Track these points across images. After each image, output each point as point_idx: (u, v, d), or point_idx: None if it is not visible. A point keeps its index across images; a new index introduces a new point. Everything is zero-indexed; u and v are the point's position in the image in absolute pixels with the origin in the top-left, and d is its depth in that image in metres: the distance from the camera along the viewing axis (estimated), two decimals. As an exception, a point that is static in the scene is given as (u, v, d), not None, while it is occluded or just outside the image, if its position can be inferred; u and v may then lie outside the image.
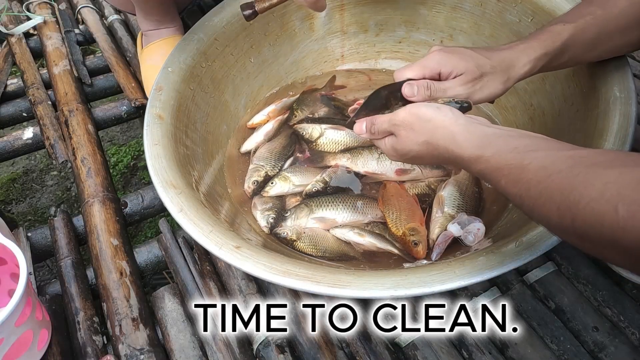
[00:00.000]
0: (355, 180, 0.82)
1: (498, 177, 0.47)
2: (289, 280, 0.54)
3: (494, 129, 0.52)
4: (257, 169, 0.83)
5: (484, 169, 0.49)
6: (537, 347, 0.64)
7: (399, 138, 0.59)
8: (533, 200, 0.42)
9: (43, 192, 1.49)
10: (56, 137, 0.98)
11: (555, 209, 0.39)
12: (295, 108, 0.92)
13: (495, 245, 0.57)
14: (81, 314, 0.71)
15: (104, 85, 1.14)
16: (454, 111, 0.55)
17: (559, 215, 0.39)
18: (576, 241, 0.40)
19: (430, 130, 0.55)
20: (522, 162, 0.45)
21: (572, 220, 0.38)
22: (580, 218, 0.37)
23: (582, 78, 0.73)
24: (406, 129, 0.57)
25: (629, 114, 0.64)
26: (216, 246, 0.57)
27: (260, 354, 0.66)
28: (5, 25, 1.26)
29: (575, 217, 0.37)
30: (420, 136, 0.56)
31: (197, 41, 0.84)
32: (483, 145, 0.50)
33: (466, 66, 0.61)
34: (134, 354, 0.66)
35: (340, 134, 0.86)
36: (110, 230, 0.80)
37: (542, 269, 0.71)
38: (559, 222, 0.40)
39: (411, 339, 0.66)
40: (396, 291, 0.52)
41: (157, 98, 0.75)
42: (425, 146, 0.56)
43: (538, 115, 0.83)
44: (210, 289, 0.72)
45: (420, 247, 0.70)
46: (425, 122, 0.55)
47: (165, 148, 0.69)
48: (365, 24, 1.00)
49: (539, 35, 0.64)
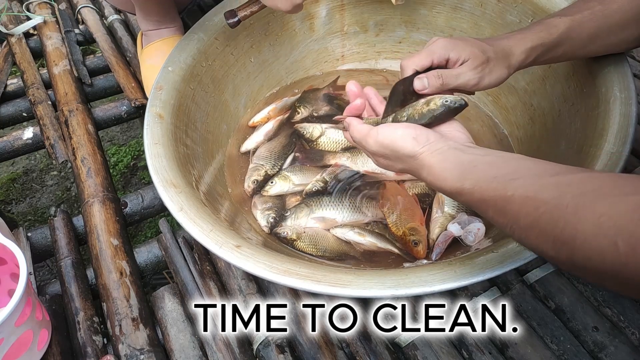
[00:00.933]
0: (355, 180, 0.82)
1: (484, 209, 0.45)
2: (289, 280, 0.54)
3: (469, 155, 0.49)
4: (257, 168, 0.83)
5: (468, 201, 0.47)
6: (537, 347, 0.64)
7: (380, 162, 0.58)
8: (525, 232, 0.41)
9: (43, 192, 1.49)
10: (56, 137, 0.98)
11: (550, 243, 0.38)
12: (297, 106, 0.92)
13: (495, 245, 0.57)
14: (81, 314, 0.71)
15: (104, 85, 1.14)
16: (422, 135, 0.52)
17: (555, 249, 0.38)
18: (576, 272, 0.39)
19: (404, 161, 0.53)
20: (505, 193, 0.42)
21: (570, 255, 0.36)
22: (579, 254, 0.35)
23: (582, 78, 0.73)
24: (383, 156, 0.56)
25: (629, 114, 0.64)
26: (216, 245, 0.57)
27: (260, 354, 0.66)
28: (5, 25, 1.26)
29: (573, 253, 0.36)
30: (398, 164, 0.55)
31: (197, 41, 0.84)
32: (462, 177, 0.47)
33: (472, 51, 0.60)
34: (134, 354, 0.66)
35: (341, 134, 0.86)
36: (110, 230, 0.80)
37: (542, 269, 0.71)
38: (556, 256, 0.38)
39: (411, 339, 0.65)
40: (397, 290, 0.52)
41: (158, 97, 0.75)
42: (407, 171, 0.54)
43: (538, 115, 0.83)
44: (210, 289, 0.72)
45: (420, 247, 0.70)
46: (395, 152, 0.53)
47: (165, 147, 0.69)
48: (365, 24, 1.00)
49: (536, 26, 0.64)
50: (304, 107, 0.91)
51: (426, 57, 0.61)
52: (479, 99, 0.93)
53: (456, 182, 0.47)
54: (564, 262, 0.38)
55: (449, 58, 0.61)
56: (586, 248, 0.35)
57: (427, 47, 0.62)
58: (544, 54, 0.64)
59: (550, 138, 0.78)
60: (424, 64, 0.62)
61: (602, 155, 0.60)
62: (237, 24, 0.80)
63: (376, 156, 0.57)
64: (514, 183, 0.42)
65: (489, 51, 0.61)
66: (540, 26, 0.63)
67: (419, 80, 0.60)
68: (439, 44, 0.61)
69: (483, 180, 0.45)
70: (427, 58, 0.61)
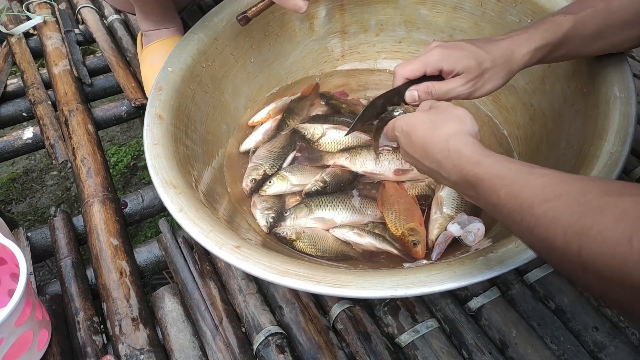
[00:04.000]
0: (355, 180, 0.82)
1: (496, 187, 0.44)
2: (289, 280, 0.54)
3: None
4: (256, 167, 0.83)
5: (481, 174, 0.46)
6: (537, 347, 0.64)
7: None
8: (535, 219, 0.39)
9: (43, 192, 1.49)
10: (56, 137, 0.98)
11: (561, 233, 0.36)
12: (285, 118, 0.91)
13: (495, 245, 0.57)
14: (81, 313, 0.71)
15: (104, 85, 1.14)
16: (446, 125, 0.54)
17: (565, 240, 0.36)
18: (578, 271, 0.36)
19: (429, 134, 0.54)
20: (526, 176, 0.42)
21: (579, 248, 0.34)
22: (590, 246, 0.34)
23: (582, 78, 0.73)
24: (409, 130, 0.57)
25: (629, 114, 0.64)
26: (216, 246, 0.57)
27: (260, 354, 0.66)
28: (5, 25, 1.26)
29: (583, 245, 0.34)
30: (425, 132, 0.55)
31: (197, 41, 0.84)
32: (484, 153, 0.47)
33: (467, 65, 0.60)
34: (134, 354, 0.66)
35: (342, 134, 0.86)
36: (110, 230, 0.80)
37: (542, 269, 0.71)
38: (564, 249, 0.36)
39: (411, 339, 0.66)
40: (396, 291, 0.52)
41: (157, 98, 0.75)
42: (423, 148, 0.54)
43: (538, 115, 0.83)
44: (210, 289, 0.72)
45: (419, 247, 0.70)
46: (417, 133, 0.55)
47: (165, 148, 0.69)
48: (365, 24, 1.00)
49: (539, 25, 0.63)
50: (292, 118, 0.91)
51: (419, 67, 0.62)
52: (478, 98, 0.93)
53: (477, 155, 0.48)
54: (570, 256, 0.36)
55: (442, 69, 0.61)
56: (599, 240, 0.33)
57: (422, 56, 0.62)
58: (548, 54, 0.63)
59: (550, 138, 0.78)
60: (416, 74, 0.62)
61: (602, 155, 0.60)
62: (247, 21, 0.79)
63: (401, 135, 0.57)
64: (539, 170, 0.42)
65: (486, 62, 0.61)
66: (544, 25, 0.63)
67: (410, 93, 0.62)
68: (434, 54, 0.62)
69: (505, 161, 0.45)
70: (420, 68, 0.62)
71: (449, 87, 0.61)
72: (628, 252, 0.31)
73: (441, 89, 0.61)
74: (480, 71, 0.61)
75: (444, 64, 0.61)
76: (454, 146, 0.50)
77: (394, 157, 0.81)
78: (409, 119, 0.57)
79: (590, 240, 0.34)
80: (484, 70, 0.61)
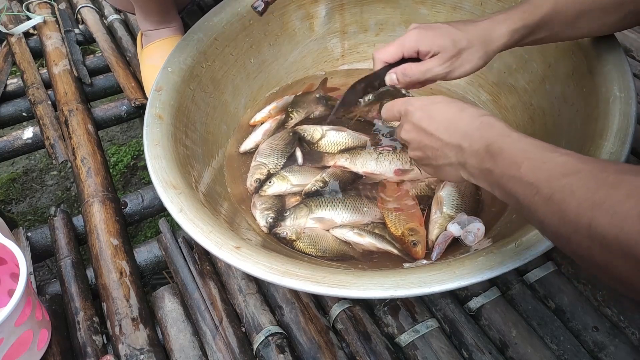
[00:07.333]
0: (355, 181, 0.82)
1: (519, 159, 0.44)
2: (288, 281, 0.54)
3: None
4: (259, 166, 0.83)
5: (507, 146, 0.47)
6: (537, 347, 0.64)
7: None
8: (552, 192, 0.39)
9: (43, 192, 1.49)
10: (56, 137, 0.98)
11: (574, 205, 0.37)
12: (290, 111, 0.91)
13: (495, 245, 0.57)
14: (81, 313, 0.71)
15: (104, 85, 1.14)
16: None
17: (577, 213, 0.36)
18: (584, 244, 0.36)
19: None
20: (549, 153, 0.43)
21: (589, 221, 0.35)
22: (601, 219, 0.34)
23: (582, 78, 0.73)
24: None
25: (629, 114, 0.64)
26: (216, 246, 0.57)
27: (260, 354, 0.66)
28: (5, 25, 1.26)
29: (594, 218, 0.35)
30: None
31: (197, 41, 0.84)
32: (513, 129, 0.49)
33: (443, 44, 0.61)
34: (133, 354, 0.66)
35: (342, 135, 0.86)
36: (110, 230, 0.80)
37: (542, 269, 0.71)
38: (575, 221, 0.37)
39: (411, 339, 0.66)
40: (396, 291, 0.52)
41: (157, 98, 0.75)
42: None
43: (538, 115, 0.83)
44: (210, 289, 0.72)
45: (419, 247, 0.70)
46: None
47: (165, 148, 0.69)
48: (365, 24, 1.00)
49: (519, 6, 0.63)
50: (297, 111, 0.91)
51: (396, 50, 0.63)
52: (478, 98, 0.93)
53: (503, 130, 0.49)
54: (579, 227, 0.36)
55: (419, 50, 0.62)
56: (610, 213, 0.34)
57: (400, 39, 0.63)
58: (527, 36, 0.63)
59: (550, 138, 0.78)
60: (394, 57, 0.63)
61: (602, 154, 0.60)
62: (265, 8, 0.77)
63: None
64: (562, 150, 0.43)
65: (462, 41, 0.61)
66: (524, 6, 0.63)
67: (389, 76, 0.64)
68: (410, 36, 0.62)
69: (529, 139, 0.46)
70: (398, 50, 0.63)
71: (426, 68, 0.62)
72: (636, 227, 0.32)
73: (418, 69, 0.62)
74: (456, 50, 0.61)
75: (420, 45, 0.61)
76: (487, 119, 0.51)
77: (394, 157, 0.81)
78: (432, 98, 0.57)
79: (601, 214, 0.35)
80: (460, 50, 0.61)
